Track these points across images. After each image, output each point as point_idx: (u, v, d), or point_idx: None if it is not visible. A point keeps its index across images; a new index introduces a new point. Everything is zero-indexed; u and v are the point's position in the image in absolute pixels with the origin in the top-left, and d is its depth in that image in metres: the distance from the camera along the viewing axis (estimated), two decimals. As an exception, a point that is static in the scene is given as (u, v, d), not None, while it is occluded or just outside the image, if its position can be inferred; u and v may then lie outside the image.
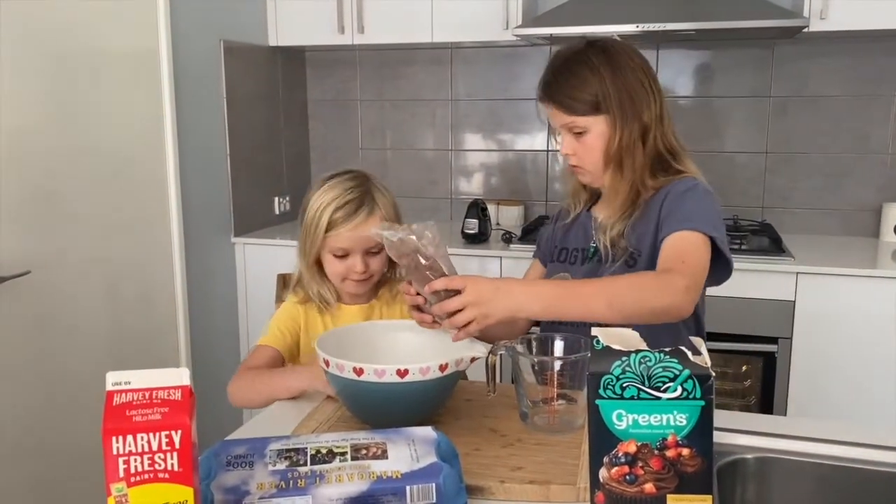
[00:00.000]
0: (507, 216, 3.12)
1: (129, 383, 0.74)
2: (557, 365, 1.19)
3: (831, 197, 2.91)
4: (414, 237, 1.17)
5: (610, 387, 0.88)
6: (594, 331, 0.91)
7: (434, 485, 0.90)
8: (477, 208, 2.79)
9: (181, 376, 0.76)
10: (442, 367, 1.08)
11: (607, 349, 0.89)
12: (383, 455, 0.93)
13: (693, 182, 1.40)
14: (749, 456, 1.16)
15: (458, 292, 1.16)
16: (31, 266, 2.05)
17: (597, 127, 1.40)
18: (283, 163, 3.26)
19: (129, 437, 0.72)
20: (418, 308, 1.25)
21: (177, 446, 0.73)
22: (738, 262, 2.39)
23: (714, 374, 0.87)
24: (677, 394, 0.87)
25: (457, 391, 1.25)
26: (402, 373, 1.06)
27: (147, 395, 0.74)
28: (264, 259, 2.91)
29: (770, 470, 1.15)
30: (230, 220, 2.91)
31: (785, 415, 2.47)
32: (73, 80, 2.20)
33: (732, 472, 1.15)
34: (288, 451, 0.94)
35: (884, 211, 2.80)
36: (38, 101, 2.10)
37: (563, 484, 1.02)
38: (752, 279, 2.42)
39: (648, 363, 0.87)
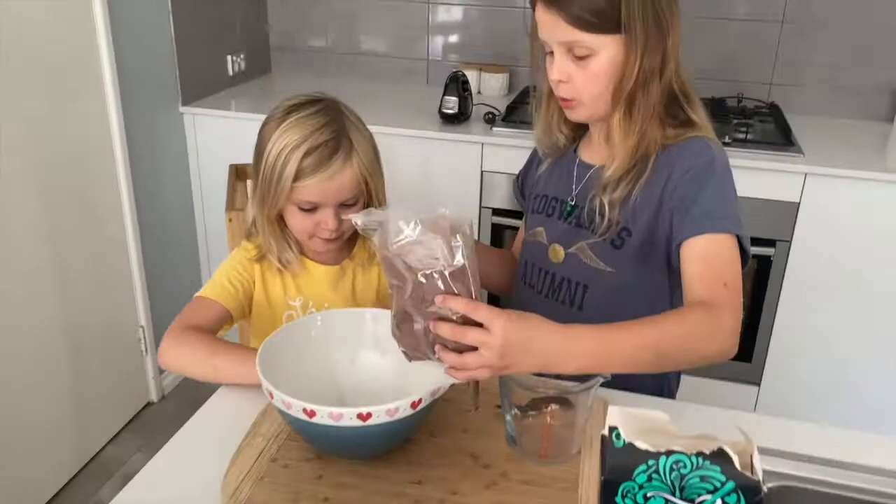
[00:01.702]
0: (490, 86, 2.80)
1: None
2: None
3: (847, 76, 2.63)
4: (441, 241, 0.83)
5: (630, 495, 0.69)
6: (612, 417, 0.70)
7: None
8: (458, 83, 2.45)
9: None
10: (414, 404, 0.87)
11: (629, 447, 0.69)
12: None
13: (709, 153, 1.14)
14: (770, 484, 1.00)
15: (476, 324, 0.87)
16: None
17: (608, 50, 1.10)
18: (236, 15, 2.85)
19: None
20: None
21: None
22: (743, 159, 2.19)
23: (766, 487, 0.68)
24: (715, 508, 0.68)
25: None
26: (364, 417, 0.85)
27: None
28: (218, 132, 2.59)
29: None
30: (177, 86, 2.56)
31: (773, 323, 2.34)
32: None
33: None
34: None
35: (901, 95, 2.55)
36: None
37: (559, 551, 0.85)
38: (757, 177, 2.19)
39: (682, 470, 0.68)
